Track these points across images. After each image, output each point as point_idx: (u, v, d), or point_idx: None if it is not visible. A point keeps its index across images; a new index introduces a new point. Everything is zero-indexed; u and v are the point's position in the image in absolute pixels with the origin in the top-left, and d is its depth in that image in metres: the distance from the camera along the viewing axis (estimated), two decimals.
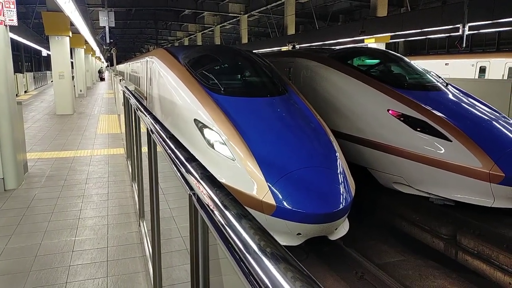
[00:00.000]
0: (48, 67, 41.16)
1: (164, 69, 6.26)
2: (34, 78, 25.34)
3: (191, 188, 1.12)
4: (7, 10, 4.71)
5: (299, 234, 3.90)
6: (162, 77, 6.38)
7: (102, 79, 39.77)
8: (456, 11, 10.98)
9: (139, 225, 3.84)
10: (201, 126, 4.68)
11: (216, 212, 0.92)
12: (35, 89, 24.93)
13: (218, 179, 1.07)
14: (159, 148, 2.43)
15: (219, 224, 0.89)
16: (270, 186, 3.86)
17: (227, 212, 0.87)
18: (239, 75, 6.08)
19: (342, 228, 4.28)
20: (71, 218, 4.09)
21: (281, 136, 4.53)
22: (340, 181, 4.14)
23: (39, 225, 3.91)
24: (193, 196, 1.09)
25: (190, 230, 1.11)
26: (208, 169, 1.16)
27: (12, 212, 4.24)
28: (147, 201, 3.82)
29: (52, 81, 33.94)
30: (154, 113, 2.69)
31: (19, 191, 4.93)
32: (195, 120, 4.79)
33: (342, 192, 4.01)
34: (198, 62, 6.06)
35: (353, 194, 4.18)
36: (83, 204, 4.53)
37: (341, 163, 4.47)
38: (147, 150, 3.19)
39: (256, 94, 5.32)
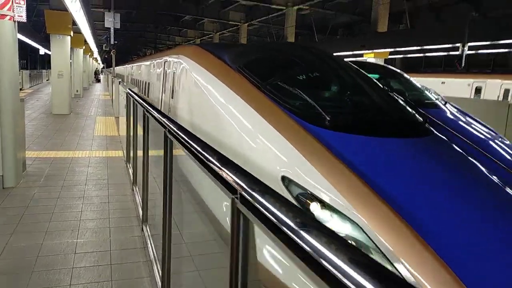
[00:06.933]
0: (44, 66, 40.94)
1: (205, 77, 4.02)
2: (29, 76, 25.18)
3: (233, 192, 1.11)
4: (17, 6, 4.68)
5: None
6: (200, 88, 4.06)
7: (98, 80, 39.67)
8: (456, 31, 11.19)
9: (142, 230, 3.79)
10: (299, 194, 2.44)
11: (263, 215, 0.91)
12: (30, 87, 24.73)
13: None
14: (175, 152, 2.41)
15: (265, 227, 0.88)
16: None
17: (276, 211, 0.86)
18: (344, 93, 3.79)
19: None
20: (72, 220, 4.03)
21: (464, 211, 2.40)
22: None
23: (40, 225, 3.83)
24: (235, 199, 1.09)
25: (232, 235, 1.11)
26: None
27: (12, 211, 4.16)
28: (151, 205, 3.79)
29: (47, 80, 33.61)
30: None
31: (18, 190, 4.84)
32: (283, 178, 2.53)
33: None
34: (264, 67, 3.85)
35: None
36: (84, 205, 4.46)
37: None
38: (153, 153, 3.16)
39: (393, 129, 3.06)
